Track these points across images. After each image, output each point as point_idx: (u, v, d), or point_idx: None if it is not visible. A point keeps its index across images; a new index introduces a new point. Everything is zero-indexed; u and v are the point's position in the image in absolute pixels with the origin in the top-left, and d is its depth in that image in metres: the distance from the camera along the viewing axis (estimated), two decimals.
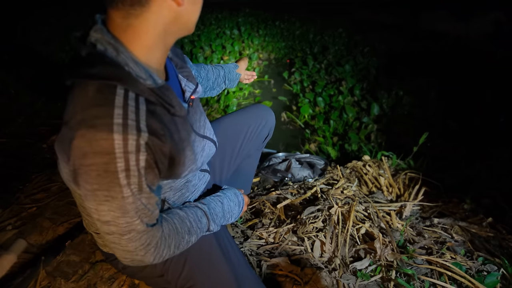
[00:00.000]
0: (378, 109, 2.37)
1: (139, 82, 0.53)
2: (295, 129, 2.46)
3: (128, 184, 0.52)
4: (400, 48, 3.95)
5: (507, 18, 4.51)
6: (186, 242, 0.68)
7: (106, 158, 0.49)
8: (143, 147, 0.51)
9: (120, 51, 0.52)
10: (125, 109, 0.50)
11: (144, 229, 0.57)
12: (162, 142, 0.55)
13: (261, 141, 1.13)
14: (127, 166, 0.50)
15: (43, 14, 5.22)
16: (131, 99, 0.51)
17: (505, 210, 1.29)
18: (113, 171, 0.50)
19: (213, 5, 7.05)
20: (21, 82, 2.61)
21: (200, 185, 0.84)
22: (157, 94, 0.56)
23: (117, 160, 0.49)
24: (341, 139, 2.13)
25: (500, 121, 2.12)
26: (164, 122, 0.57)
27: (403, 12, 7.02)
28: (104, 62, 0.52)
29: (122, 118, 0.49)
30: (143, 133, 0.51)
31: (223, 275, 0.72)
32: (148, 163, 0.53)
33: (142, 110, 0.52)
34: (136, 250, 0.58)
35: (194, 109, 0.73)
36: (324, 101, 2.59)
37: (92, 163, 0.49)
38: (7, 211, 1.28)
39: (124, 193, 0.52)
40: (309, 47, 4.17)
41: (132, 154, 0.50)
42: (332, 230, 1.12)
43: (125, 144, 0.49)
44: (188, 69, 0.73)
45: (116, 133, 0.48)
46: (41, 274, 1.00)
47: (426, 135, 1.61)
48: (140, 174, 0.52)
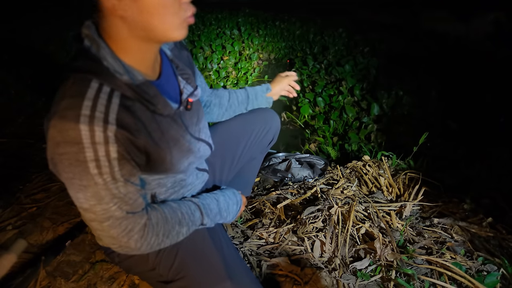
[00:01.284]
0: (378, 109, 2.36)
1: (116, 77, 0.55)
2: (295, 129, 2.46)
3: (99, 173, 0.53)
4: (400, 48, 3.94)
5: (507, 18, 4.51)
6: (177, 233, 0.69)
7: (75, 148, 0.51)
8: (111, 139, 0.53)
9: (101, 47, 0.55)
10: (95, 101, 0.52)
11: (123, 216, 0.59)
12: (134, 137, 0.56)
13: (265, 145, 1.13)
14: (96, 156, 0.52)
15: (43, 14, 5.22)
16: (104, 92, 0.53)
17: (505, 210, 1.29)
18: (83, 161, 0.52)
19: (213, 5, 7.05)
20: (21, 82, 2.61)
21: (197, 183, 0.85)
22: (135, 90, 0.57)
23: (85, 150, 0.51)
24: (341, 139, 2.13)
25: (500, 121, 2.12)
26: (140, 118, 0.58)
27: (403, 12, 7.02)
28: (86, 57, 0.55)
29: (90, 110, 0.51)
30: (110, 125, 0.52)
31: (214, 265, 0.73)
32: (120, 154, 0.54)
33: (114, 103, 0.54)
34: (118, 237, 0.60)
35: (192, 112, 0.74)
36: (324, 101, 2.59)
37: (64, 152, 0.51)
38: (7, 211, 1.28)
39: (96, 181, 0.54)
40: (309, 47, 4.17)
41: (100, 145, 0.52)
42: (332, 230, 1.12)
43: (92, 135, 0.51)
44: (189, 73, 0.73)
45: (82, 123, 0.50)
46: (41, 274, 1.00)
47: (426, 135, 1.61)
48: (111, 164, 0.54)
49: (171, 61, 0.72)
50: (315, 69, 3.34)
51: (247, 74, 3.26)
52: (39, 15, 5.18)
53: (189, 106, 0.72)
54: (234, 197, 0.89)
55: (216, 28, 4.63)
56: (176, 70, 0.72)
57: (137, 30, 0.55)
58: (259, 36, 4.51)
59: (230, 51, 3.74)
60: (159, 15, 0.54)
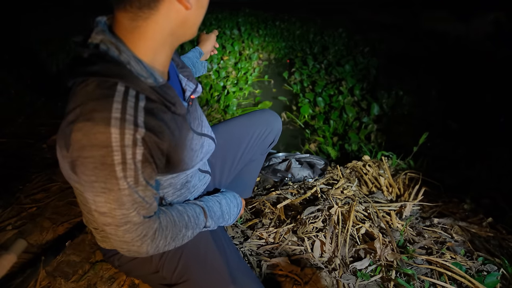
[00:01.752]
0: (378, 109, 2.36)
1: (140, 80, 0.54)
2: (295, 129, 2.47)
3: (124, 177, 0.53)
4: (400, 48, 3.94)
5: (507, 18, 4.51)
6: (182, 236, 0.69)
7: (103, 151, 0.50)
8: (139, 142, 0.52)
9: (122, 50, 0.54)
10: (124, 104, 0.51)
11: (141, 221, 0.58)
12: (160, 139, 0.56)
13: (265, 147, 1.12)
14: (123, 159, 0.51)
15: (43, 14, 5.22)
16: (131, 95, 0.52)
17: (505, 210, 1.29)
18: (110, 164, 0.51)
19: (213, 5, 7.04)
20: (21, 82, 2.61)
21: (200, 185, 0.85)
22: (158, 92, 0.57)
23: (114, 153, 0.50)
24: (341, 139, 2.13)
25: (500, 121, 2.12)
26: (164, 120, 0.58)
27: (403, 12, 7.02)
28: (105, 61, 0.53)
29: (120, 112, 0.50)
30: (140, 128, 0.52)
31: (218, 269, 0.72)
32: (144, 157, 0.54)
33: (140, 106, 0.53)
34: (132, 241, 0.60)
35: (194, 108, 0.74)
36: (324, 101, 2.59)
37: (90, 156, 0.50)
38: (7, 211, 1.28)
39: (120, 186, 0.53)
40: (309, 47, 4.17)
41: (128, 148, 0.51)
42: (332, 230, 1.12)
43: (122, 137, 0.50)
44: (189, 69, 0.74)
45: (113, 127, 0.49)
46: (41, 274, 1.00)
47: (426, 135, 1.61)
48: (136, 167, 0.53)
49: (172, 60, 0.72)
50: (315, 69, 3.34)
51: (247, 74, 3.26)
52: (39, 15, 5.18)
53: (190, 103, 0.72)
54: (234, 200, 0.89)
55: (216, 28, 4.63)
56: (177, 69, 0.72)
57: (184, 27, 0.58)
58: (259, 36, 4.51)
59: (230, 51, 3.74)
60: (205, 11, 0.59)
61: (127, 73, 0.53)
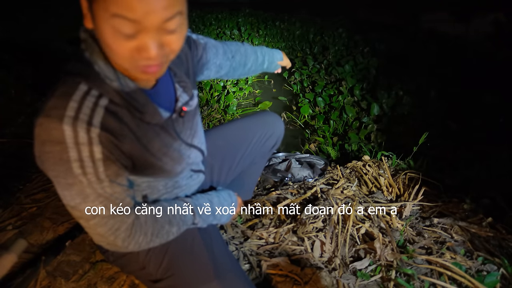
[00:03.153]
0: (378, 109, 2.37)
1: (105, 82, 0.55)
2: (295, 129, 2.47)
3: (83, 173, 0.54)
4: (400, 48, 3.94)
5: (507, 19, 4.51)
6: (167, 232, 0.69)
7: (59, 147, 0.51)
8: (95, 140, 0.53)
9: (94, 51, 0.55)
10: (80, 103, 0.52)
11: (109, 215, 0.59)
12: (119, 141, 0.56)
13: (267, 150, 1.11)
14: (79, 156, 0.52)
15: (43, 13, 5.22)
16: (91, 96, 0.54)
17: (505, 210, 1.29)
18: (66, 160, 0.52)
19: (213, 5, 7.05)
20: (21, 82, 2.61)
21: (192, 184, 0.84)
22: (124, 97, 0.57)
23: (69, 150, 0.51)
24: (341, 139, 2.13)
25: (500, 121, 2.12)
26: (127, 123, 0.58)
27: (403, 12, 7.02)
28: (77, 60, 0.55)
29: (75, 111, 0.51)
30: (94, 127, 0.52)
31: (202, 265, 0.73)
32: (105, 155, 0.55)
33: (100, 107, 0.54)
34: (105, 235, 0.61)
35: (187, 118, 0.73)
36: (324, 101, 2.59)
37: (49, 151, 0.52)
38: (7, 211, 1.28)
39: (81, 180, 0.54)
40: (309, 47, 4.17)
41: (84, 146, 0.52)
42: (332, 230, 1.12)
43: (75, 135, 0.51)
44: (186, 81, 0.72)
45: (65, 124, 0.50)
46: (41, 274, 1.00)
47: (426, 135, 1.61)
48: (95, 165, 0.54)
49: (170, 69, 0.71)
50: (315, 69, 3.34)
51: None
52: (39, 14, 5.18)
53: (182, 113, 0.71)
54: (229, 199, 0.88)
55: (216, 28, 4.64)
56: (174, 78, 0.71)
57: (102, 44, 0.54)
58: (259, 36, 4.51)
59: None
60: (110, 53, 0.51)
61: (93, 74, 0.54)
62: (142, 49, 0.49)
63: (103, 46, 0.51)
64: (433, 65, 3.29)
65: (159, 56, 0.51)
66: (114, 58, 0.52)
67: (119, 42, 0.48)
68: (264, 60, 1.05)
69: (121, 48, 0.48)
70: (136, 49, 0.49)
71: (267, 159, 1.20)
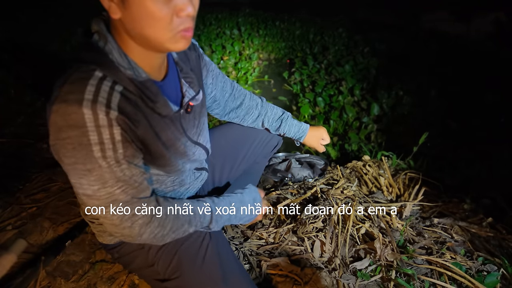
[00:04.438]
0: (378, 109, 2.36)
1: (119, 70, 0.56)
2: None
3: (103, 157, 0.53)
4: (400, 48, 3.94)
5: (507, 18, 4.51)
6: (184, 231, 0.68)
7: (78, 131, 0.51)
8: (115, 122, 0.53)
9: (108, 41, 0.56)
10: (98, 87, 0.53)
11: (128, 200, 0.58)
12: (134, 126, 0.57)
13: (269, 150, 1.12)
14: (100, 139, 0.53)
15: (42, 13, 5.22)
16: (107, 81, 0.54)
17: (505, 210, 1.29)
18: (87, 144, 0.52)
19: (213, 5, 7.05)
20: (21, 82, 2.61)
21: (196, 183, 0.85)
22: (137, 85, 0.58)
23: (89, 133, 0.51)
24: (341, 139, 2.13)
25: (500, 121, 2.12)
26: (141, 110, 0.59)
27: (403, 12, 7.02)
28: (91, 49, 0.56)
29: (93, 94, 0.52)
30: (113, 110, 0.53)
31: (210, 268, 0.73)
32: (123, 137, 0.55)
33: (116, 92, 0.55)
34: (122, 223, 0.59)
35: (193, 116, 0.74)
36: (324, 101, 2.59)
37: (67, 137, 0.51)
38: (7, 211, 1.28)
39: (100, 165, 0.54)
40: (309, 47, 4.17)
41: (104, 128, 0.52)
42: (332, 230, 1.12)
43: (95, 118, 0.51)
44: (192, 76, 0.73)
45: (85, 107, 0.51)
46: (41, 274, 1.00)
47: (426, 135, 1.61)
48: (115, 147, 0.54)
49: (176, 64, 0.72)
50: (315, 69, 3.34)
51: (247, 74, 3.26)
52: (39, 14, 5.18)
53: (189, 109, 0.72)
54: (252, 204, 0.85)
55: (216, 28, 4.63)
56: (180, 73, 0.72)
57: (134, 36, 0.56)
58: (259, 36, 4.51)
59: (230, 51, 3.74)
60: (150, 27, 0.53)
61: (108, 61, 0.56)
62: (180, 9, 0.53)
63: (140, 27, 0.53)
64: (433, 64, 3.29)
65: (192, 16, 0.55)
66: (156, 33, 0.53)
67: (160, 7, 0.51)
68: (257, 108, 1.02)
69: (163, 13, 0.51)
70: (175, 10, 0.52)
71: (268, 159, 1.21)
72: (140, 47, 0.58)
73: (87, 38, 0.57)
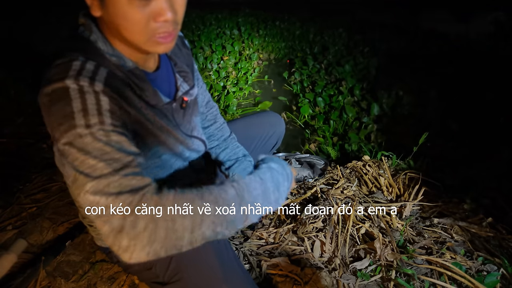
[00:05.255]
0: (378, 109, 2.36)
1: (105, 56, 0.56)
2: (295, 129, 2.46)
3: (86, 125, 0.47)
4: (400, 48, 3.94)
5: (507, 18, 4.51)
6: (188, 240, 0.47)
7: (62, 103, 0.48)
8: (101, 92, 0.50)
9: (92, 31, 0.57)
10: (82, 66, 0.52)
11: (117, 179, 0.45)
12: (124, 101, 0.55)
13: (268, 149, 1.12)
14: (84, 105, 0.48)
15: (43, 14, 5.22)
16: (90, 63, 0.53)
17: (505, 210, 1.28)
18: (70, 113, 0.48)
19: (213, 5, 7.05)
20: (21, 82, 2.61)
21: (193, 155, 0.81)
22: (124, 72, 0.58)
23: (72, 101, 0.48)
24: (341, 139, 2.13)
25: (500, 121, 2.11)
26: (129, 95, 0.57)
27: (403, 12, 7.02)
28: (77, 39, 0.57)
29: (77, 71, 0.50)
30: (98, 82, 0.51)
31: (212, 270, 0.70)
32: (112, 107, 0.51)
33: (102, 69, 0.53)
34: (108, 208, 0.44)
35: (186, 110, 0.74)
36: (324, 101, 2.59)
37: (53, 113, 0.49)
38: (7, 211, 1.28)
39: (81, 133, 0.47)
40: (309, 47, 4.17)
41: (89, 94, 0.49)
42: (332, 230, 1.12)
43: (80, 88, 0.49)
44: (187, 71, 0.73)
45: (68, 79, 0.49)
46: (41, 274, 1.00)
47: (426, 135, 1.61)
48: (102, 115, 0.48)
49: (170, 58, 0.72)
50: (315, 69, 3.34)
51: (247, 74, 3.26)
52: (39, 15, 5.17)
53: (184, 104, 0.72)
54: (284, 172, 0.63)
55: (216, 28, 4.63)
56: (174, 68, 0.72)
57: (116, 34, 0.56)
58: (259, 36, 4.50)
59: (230, 51, 3.74)
60: (126, 29, 0.52)
61: (93, 49, 0.56)
62: (158, 14, 0.50)
63: (117, 27, 0.52)
64: (433, 64, 3.29)
65: (173, 20, 0.52)
66: (131, 35, 0.53)
67: (135, 11, 0.49)
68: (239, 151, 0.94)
69: (138, 16, 0.50)
70: (152, 15, 0.50)
71: None
72: (124, 44, 0.58)
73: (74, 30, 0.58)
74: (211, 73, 3.05)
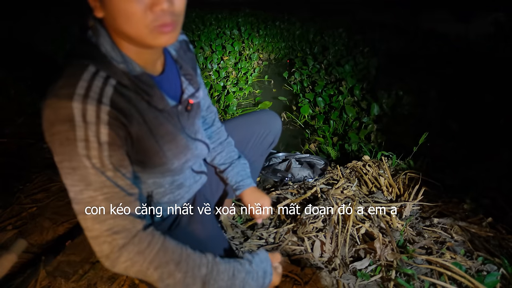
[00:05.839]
0: (378, 109, 2.36)
1: (112, 64, 0.56)
2: (295, 129, 2.46)
3: (87, 156, 0.52)
4: (400, 48, 3.94)
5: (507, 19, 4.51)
6: (168, 273, 0.57)
7: (66, 126, 0.50)
8: (104, 121, 0.52)
9: (101, 35, 0.57)
10: (90, 83, 0.52)
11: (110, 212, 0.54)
12: (128, 121, 0.56)
13: (265, 148, 1.12)
14: (86, 136, 0.51)
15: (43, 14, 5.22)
16: (100, 76, 0.54)
17: (505, 210, 1.28)
18: (73, 139, 0.51)
19: (213, 5, 7.05)
20: (21, 82, 2.61)
21: (195, 186, 0.85)
22: (131, 79, 0.58)
23: (76, 128, 0.50)
24: (341, 139, 2.13)
25: (500, 121, 2.11)
26: (135, 105, 0.58)
27: (403, 12, 7.02)
28: (84, 44, 0.57)
29: (85, 89, 0.51)
30: (104, 105, 0.52)
31: None
32: (111, 138, 0.53)
33: (109, 87, 0.54)
34: (102, 236, 0.54)
35: (191, 113, 0.74)
36: (324, 101, 2.59)
37: (56, 132, 0.51)
38: (7, 211, 1.28)
39: (84, 163, 0.52)
40: (309, 47, 4.17)
41: (91, 125, 0.51)
42: (332, 230, 1.12)
43: (84, 113, 0.51)
44: (192, 73, 0.74)
45: (75, 101, 0.50)
46: (41, 274, 1.00)
47: (426, 135, 1.61)
48: (101, 147, 0.52)
49: (176, 61, 0.72)
50: (315, 69, 3.34)
51: (247, 74, 3.26)
52: (39, 15, 5.17)
53: (189, 107, 0.72)
54: (262, 279, 0.67)
55: (216, 28, 4.63)
56: (180, 71, 0.72)
57: (119, 33, 0.56)
58: (259, 36, 4.50)
59: (230, 51, 3.74)
60: (125, 23, 0.53)
61: (101, 56, 0.56)
62: (154, 4, 0.51)
63: (118, 24, 0.53)
64: (433, 64, 3.29)
65: (170, 11, 0.53)
66: (131, 29, 0.53)
67: (133, 4, 0.50)
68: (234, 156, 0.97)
69: (134, 8, 0.50)
70: (148, 5, 0.51)
71: (265, 158, 1.21)
72: (129, 44, 0.58)
73: (83, 34, 0.58)
74: (211, 73, 3.05)
